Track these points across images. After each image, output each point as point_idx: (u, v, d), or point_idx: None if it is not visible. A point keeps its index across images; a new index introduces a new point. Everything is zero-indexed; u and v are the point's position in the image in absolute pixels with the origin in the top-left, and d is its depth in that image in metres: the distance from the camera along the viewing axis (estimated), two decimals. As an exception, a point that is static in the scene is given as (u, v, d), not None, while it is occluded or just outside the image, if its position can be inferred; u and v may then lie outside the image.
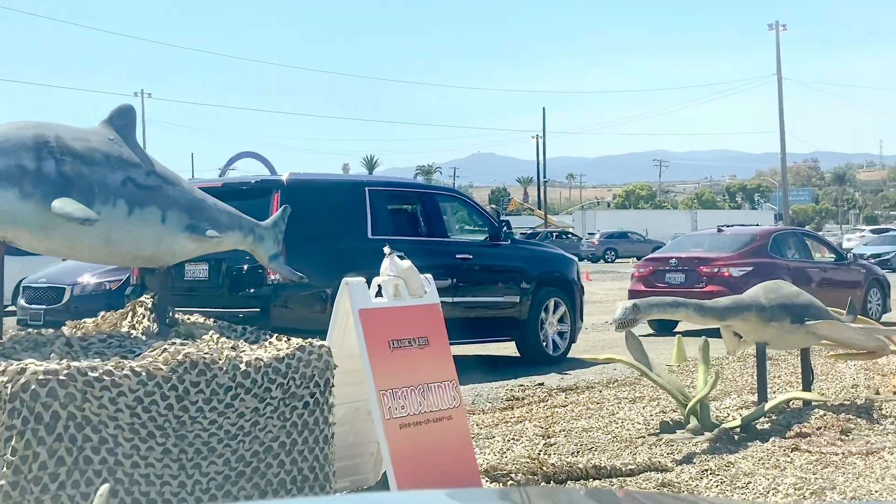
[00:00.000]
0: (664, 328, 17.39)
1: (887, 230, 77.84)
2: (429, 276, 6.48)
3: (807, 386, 9.23)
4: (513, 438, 8.10)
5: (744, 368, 12.06)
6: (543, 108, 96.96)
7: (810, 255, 19.67)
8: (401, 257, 6.23)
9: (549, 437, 8.17)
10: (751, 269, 17.35)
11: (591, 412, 9.30)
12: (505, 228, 13.87)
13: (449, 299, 12.31)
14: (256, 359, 4.18)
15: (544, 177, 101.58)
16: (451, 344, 13.79)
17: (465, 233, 16.57)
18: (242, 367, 4.09)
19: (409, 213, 13.14)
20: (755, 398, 9.90)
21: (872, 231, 74.81)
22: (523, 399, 10.24)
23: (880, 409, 9.02)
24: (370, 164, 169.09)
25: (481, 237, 13.88)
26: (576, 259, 15.15)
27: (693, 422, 8.09)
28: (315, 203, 11.67)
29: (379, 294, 6.18)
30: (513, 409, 9.69)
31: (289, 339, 4.71)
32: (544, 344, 13.62)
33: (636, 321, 7.58)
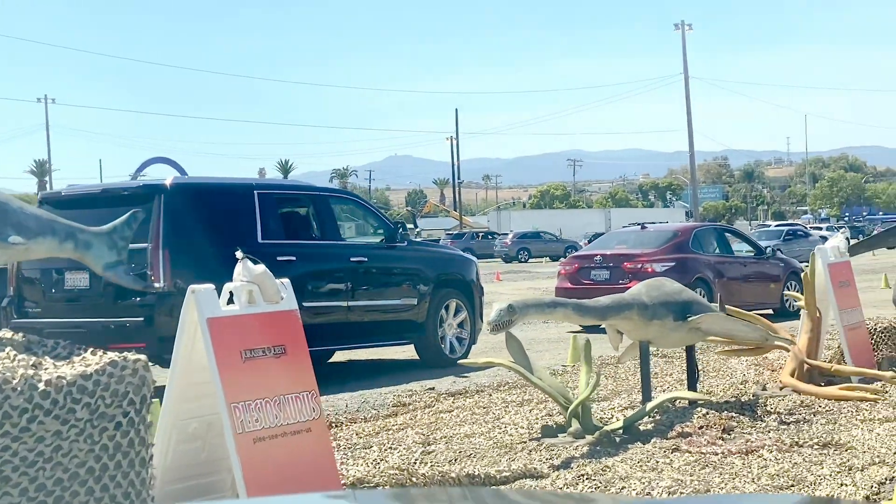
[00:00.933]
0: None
1: (793, 225, 79.42)
2: (286, 280, 6.17)
3: (692, 383, 9.11)
4: (390, 447, 7.83)
5: (638, 367, 11.94)
6: (456, 110, 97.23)
7: (730, 250, 19.84)
8: (254, 261, 5.90)
9: (428, 445, 7.92)
10: (673, 264, 17.58)
11: (476, 417, 9.07)
12: (401, 230, 13.70)
13: (344, 303, 12.38)
14: (58, 377, 3.84)
15: (459, 178, 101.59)
16: (348, 349, 13.90)
17: (361, 235, 16.45)
18: (41, 386, 3.74)
19: (301, 217, 12.91)
20: (643, 398, 9.77)
21: (777, 226, 76.17)
22: (410, 405, 9.98)
23: (765, 406, 8.92)
24: (285, 168, 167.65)
25: (377, 240, 13.69)
26: (475, 260, 15.08)
27: (575, 425, 7.89)
28: (202, 208, 11.42)
29: (232, 301, 5.85)
30: (397, 415, 9.43)
31: (103, 354, 4.36)
32: (443, 346, 13.43)
33: (512, 323, 7.36)
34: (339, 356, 14.31)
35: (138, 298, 10.79)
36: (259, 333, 5.82)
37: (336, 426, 8.92)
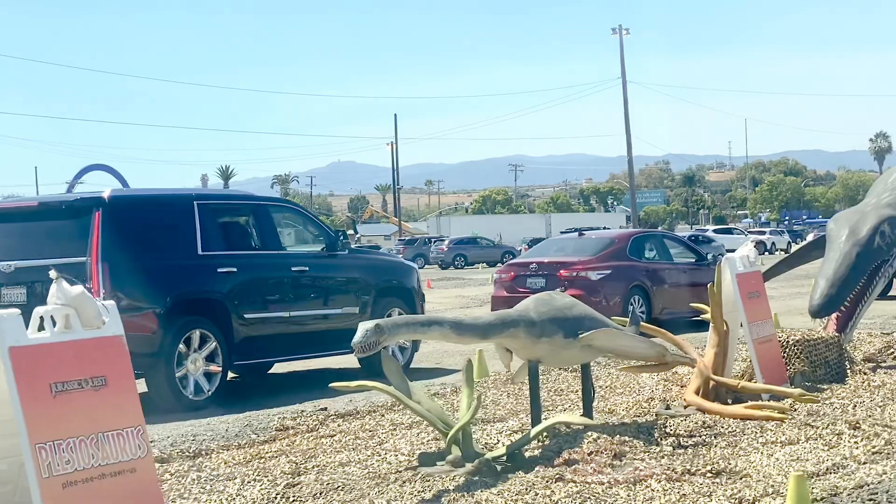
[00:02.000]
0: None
1: (731, 230, 79.61)
2: (110, 303, 5.52)
3: (587, 405, 8.57)
4: (255, 479, 7.21)
5: (543, 384, 11.41)
6: (395, 115, 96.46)
7: (670, 256, 19.52)
8: (71, 282, 5.25)
9: (298, 475, 7.31)
10: (609, 272, 17.41)
11: (359, 442, 8.48)
12: (342, 238, 13.56)
13: (286, 314, 12.38)
14: None
15: (397, 183, 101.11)
16: (289, 360, 13.38)
17: (302, 244, 16.14)
18: None
19: (241, 227, 12.80)
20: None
21: (716, 231, 76.26)
22: (293, 428, 9.36)
23: (664, 427, 8.41)
24: (225, 175, 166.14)
25: (318, 248, 13.51)
26: (416, 267, 15.12)
27: (455, 451, 7.32)
28: (140, 219, 11.33)
29: (43, 328, 5.21)
30: (276, 440, 8.81)
31: None
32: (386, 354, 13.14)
33: (379, 344, 6.77)
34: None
35: None
36: (74, 364, 5.18)
37: (205, 455, 8.28)
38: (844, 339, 11.68)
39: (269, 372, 14.17)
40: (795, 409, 9.16)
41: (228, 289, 11.73)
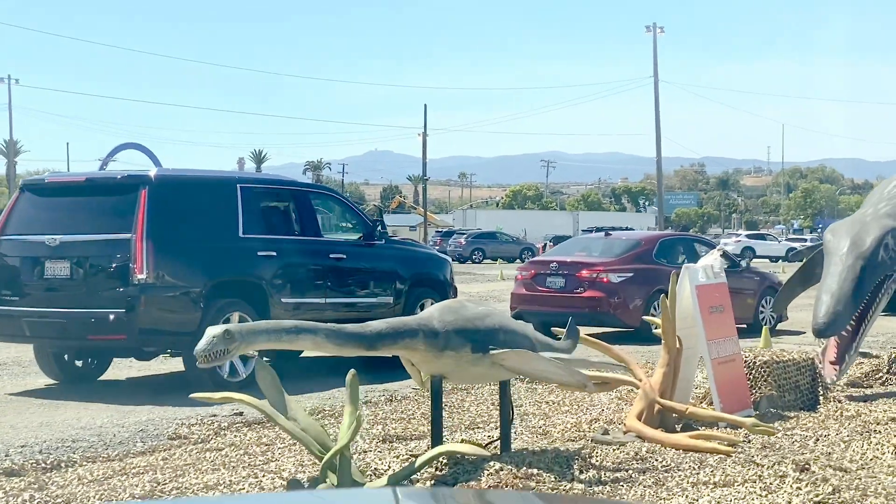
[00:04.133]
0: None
1: (763, 236, 77.96)
2: None
3: (505, 426, 7.57)
4: (96, 502, 6.28)
5: (492, 396, 10.44)
6: (425, 106, 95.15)
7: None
8: None
9: (152, 498, 6.38)
10: (631, 274, 16.65)
11: (245, 458, 7.53)
12: (379, 228, 13.46)
13: (322, 300, 12.36)
14: None
15: (425, 174, 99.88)
16: None
17: (340, 232, 16.48)
18: None
19: (282, 212, 12.76)
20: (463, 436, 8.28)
21: (748, 236, 74.68)
22: (186, 437, 8.44)
23: (589, 458, 7.41)
24: (259, 159, 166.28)
25: (355, 237, 13.54)
26: (449, 259, 14.90)
27: (332, 479, 6.35)
28: (184, 200, 11.34)
29: None
30: (156, 451, 7.89)
31: None
32: None
33: (229, 353, 5.79)
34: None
35: (119, 289, 10.63)
36: None
37: (64, 467, 7.35)
38: (845, 365, 10.65)
39: (301, 356, 13.50)
40: (749, 441, 8.15)
41: (268, 272, 11.77)
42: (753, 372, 9.63)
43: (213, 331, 5.75)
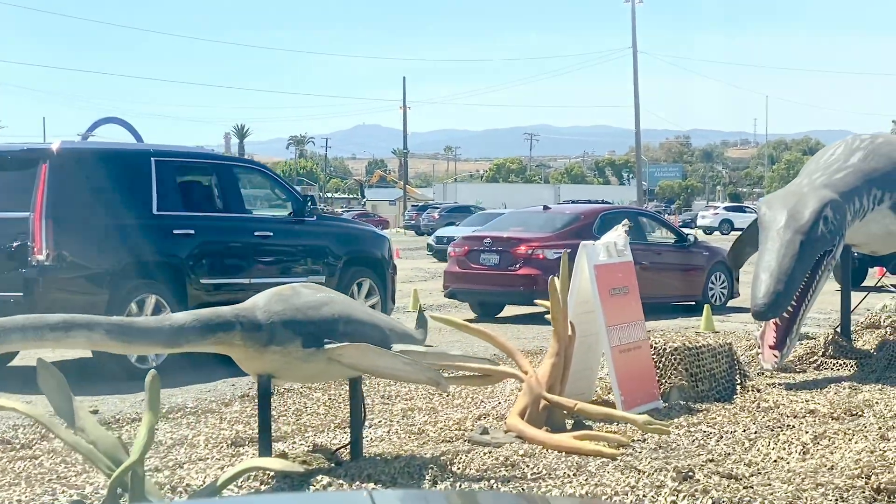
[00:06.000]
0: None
1: (743, 208, 77.03)
2: None
3: (355, 430, 6.65)
4: None
5: (379, 388, 9.54)
6: (404, 78, 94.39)
7: (644, 236, 17.64)
8: None
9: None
10: (568, 250, 15.52)
11: (61, 469, 6.61)
12: (310, 203, 12.88)
13: (246, 280, 11.71)
14: None
15: (405, 148, 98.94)
16: None
17: (267, 208, 15.74)
18: None
19: (202, 187, 12.15)
20: (318, 440, 7.40)
21: (727, 209, 73.74)
22: (9, 441, 7.51)
23: (450, 465, 6.52)
24: (241, 134, 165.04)
25: (284, 213, 12.96)
26: (388, 237, 14.21)
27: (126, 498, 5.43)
28: (91, 175, 10.67)
29: None
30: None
31: None
32: None
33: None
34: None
35: (16, 270, 10.04)
36: None
37: None
38: (787, 349, 9.81)
39: None
40: (645, 440, 7.28)
41: (184, 251, 11.16)
42: (663, 360, 8.76)
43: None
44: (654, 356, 8.73)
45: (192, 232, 11.27)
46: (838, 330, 11.30)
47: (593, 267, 8.19)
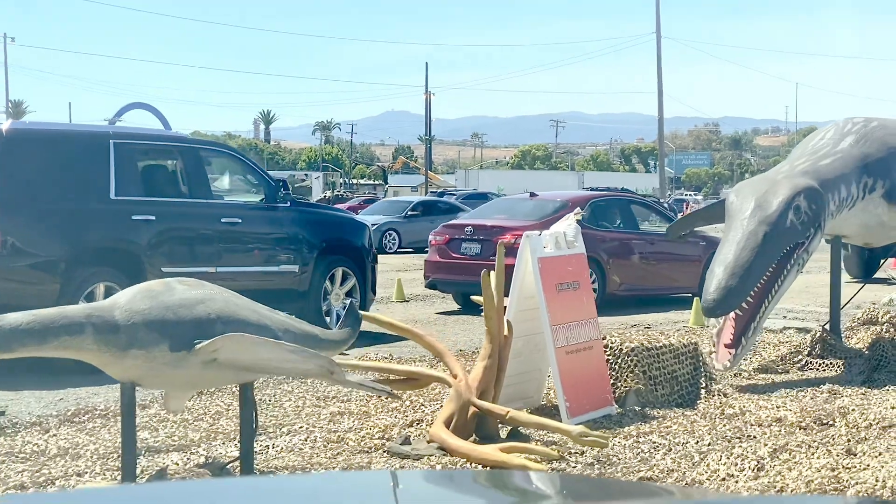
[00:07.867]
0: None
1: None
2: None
3: (246, 442, 5.93)
4: None
5: (293, 394, 8.83)
6: (426, 64, 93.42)
7: (636, 224, 16.83)
8: None
9: None
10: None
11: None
12: (282, 189, 12.33)
13: (211, 269, 11.11)
14: None
15: (428, 134, 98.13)
16: None
17: (237, 194, 14.80)
18: None
19: (165, 171, 11.67)
20: (218, 452, 6.70)
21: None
22: None
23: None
24: (267, 120, 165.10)
25: (255, 199, 12.33)
26: (367, 224, 13.64)
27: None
28: (43, 158, 10.24)
29: None
30: None
31: None
32: (327, 318, 12.02)
33: None
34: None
35: None
36: None
37: None
38: (742, 349, 8.99)
39: None
40: (583, 453, 6.54)
41: (143, 238, 10.67)
42: (619, 361, 8.00)
43: None
44: (610, 357, 7.97)
45: (153, 218, 10.77)
46: (826, 327, 10.49)
47: (537, 259, 7.43)
